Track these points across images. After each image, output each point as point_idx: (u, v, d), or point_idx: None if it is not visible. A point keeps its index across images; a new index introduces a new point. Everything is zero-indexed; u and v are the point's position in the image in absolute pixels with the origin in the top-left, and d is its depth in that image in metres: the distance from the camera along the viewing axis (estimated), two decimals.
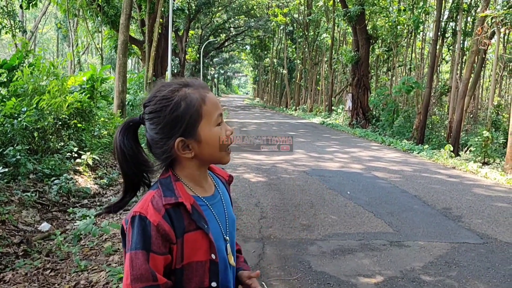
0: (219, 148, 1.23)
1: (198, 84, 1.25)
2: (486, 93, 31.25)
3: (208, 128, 1.21)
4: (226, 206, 1.34)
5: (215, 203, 1.30)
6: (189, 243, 1.19)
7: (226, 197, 1.38)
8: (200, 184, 1.29)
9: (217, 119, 1.23)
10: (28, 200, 5.47)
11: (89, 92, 9.06)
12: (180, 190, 1.22)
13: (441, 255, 4.37)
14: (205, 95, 1.22)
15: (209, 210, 1.27)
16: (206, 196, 1.29)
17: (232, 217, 1.37)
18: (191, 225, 1.19)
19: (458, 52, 19.50)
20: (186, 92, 1.20)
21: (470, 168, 10.00)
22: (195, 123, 1.20)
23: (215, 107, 1.23)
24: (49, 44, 53.34)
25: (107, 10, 20.19)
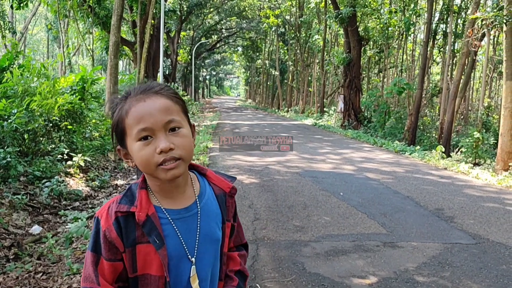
0: (145, 164, 1.12)
1: (137, 91, 1.17)
2: (476, 94, 31.55)
3: (130, 142, 1.14)
4: (201, 222, 1.22)
5: (184, 218, 1.20)
6: (141, 255, 1.16)
7: (210, 211, 1.25)
8: (168, 195, 1.20)
9: (138, 134, 1.11)
10: (19, 202, 5.40)
11: (80, 94, 8.99)
12: (142, 198, 1.17)
13: (434, 255, 4.39)
14: (132, 107, 1.13)
15: (170, 224, 1.18)
16: (174, 208, 1.20)
17: (210, 235, 1.23)
18: (143, 236, 1.15)
19: (448, 54, 19.66)
20: (122, 103, 1.16)
21: (462, 169, 10.07)
22: (123, 135, 1.16)
23: (136, 121, 1.11)
24: (39, 45, 52.97)
25: (98, 11, 20.08)
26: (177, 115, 1.15)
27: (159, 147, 1.09)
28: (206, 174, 1.31)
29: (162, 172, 1.11)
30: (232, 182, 1.34)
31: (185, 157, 1.14)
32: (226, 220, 1.29)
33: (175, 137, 1.12)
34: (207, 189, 1.28)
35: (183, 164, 1.14)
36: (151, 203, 1.18)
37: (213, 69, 75.28)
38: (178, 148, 1.11)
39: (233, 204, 1.34)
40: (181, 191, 1.21)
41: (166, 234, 1.16)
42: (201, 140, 13.81)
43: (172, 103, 1.15)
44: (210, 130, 18.04)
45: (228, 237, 1.31)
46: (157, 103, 1.13)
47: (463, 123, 23.82)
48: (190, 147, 1.16)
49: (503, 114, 10.47)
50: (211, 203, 1.26)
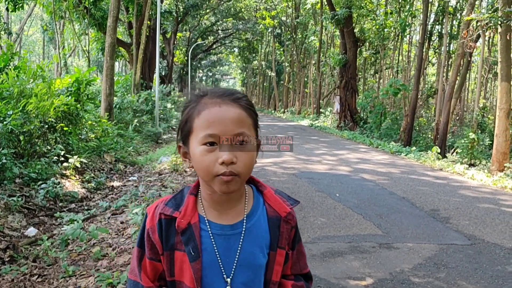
0: (203, 171, 1.08)
1: (215, 94, 1.12)
2: (471, 95, 31.67)
3: (194, 143, 1.09)
4: (244, 244, 1.14)
5: (227, 235, 1.14)
6: (178, 261, 1.14)
7: (256, 234, 1.16)
8: (217, 207, 1.15)
9: (204, 138, 1.06)
10: (14, 204, 5.39)
11: (75, 95, 8.97)
12: (189, 205, 1.15)
13: (429, 256, 4.40)
14: (205, 109, 1.08)
15: (209, 238, 1.13)
16: (219, 223, 1.14)
17: (250, 260, 1.15)
18: (181, 244, 1.13)
19: (444, 55, 19.73)
20: (197, 102, 1.12)
21: (457, 170, 10.11)
22: (188, 133, 1.11)
23: (206, 125, 1.07)
24: (35, 46, 52.80)
25: (94, 12, 20.04)
26: (248, 129, 1.09)
27: (222, 158, 1.04)
28: (264, 192, 1.21)
29: (218, 183, 1.06)
30: (292, 205, 1.21)
31: (244, 174, 1.08)
32: (278, 247, 1.17)
33: (240, 151, 1.06)
34: (260, 209, 1.19)
35: (240, 181, 1.08)
36: (197, 212, 1.15)
37: (210, 70, 75.31)
38: (239, 163, 1.06)
39: (289, 230, 1.20)
40: (231, 206, 1.15)
41: (204, 248, 1.12)
42: None
43: (246, 115, 1.10)
44: None
45: (279, 265, 1.19)
46: (231, 112, 1.08)
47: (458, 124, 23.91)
48: (251, 164, 1.10)
49: (498, 115, 10.52)
50: (259, 225, 1.17)
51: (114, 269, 3.71)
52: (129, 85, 19.05)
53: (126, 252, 4.14)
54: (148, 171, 9.13)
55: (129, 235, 4.60)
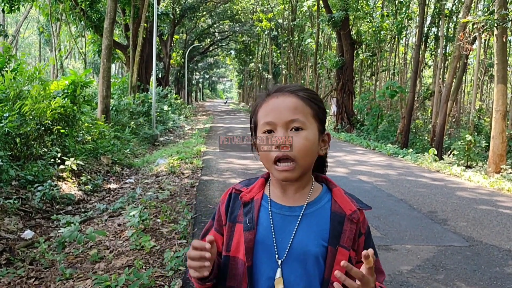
0: (264, 157, 1.15)
1: (276, 88, 1.19)
2: (468, 97, 31.79)
3: (258, 133, 1.18)
4: (299, 228, 1.14)
5: (284, 215, 1.16)
6: (237, 234, 1.18)
7: (314, 223, 1.15)
8: (281, 189, 1.20)
9: (263, 126, 1.15)
10: (11, 207, 5.35)
11: (71, 97, 8.94)
12: (257, 184, 1.23)
13: (428, 258, 4.40)
14: (265, 101, 1.17)
15: (268, 215, 1.17)
16: (280, 203, 1.18)
17: (303, 246, 1.13)
18: (242, 216, 1.19)
19: (440, 57, 19.81)
20: (262, 97, 1.21)
21: (454, 172, 10.12)
22: (255, 127, 1.20)
23: (264, 114, 1.15)
24: (31, 48, 52.65)
25: (90, 15, 20.00)
26: (304, 117, 1.13)
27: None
28: (332, 190, 1.23)
29: (276, 171, 1.13)
30: (362, 208, 1.19)
31: (300, 160, 1.11)
32: (340, 246, 1.13)
33: (295, 136, 1.11)
34: (324, 202, 1.20)
35: (298, 168, 1.12)
36: (262, 190, 1.22)
37: (206, 72, 75.25)
38: (295, 148, 1.10)
39: (354, 231, 1.15)
40: (295, 191, 1.19)
41: (261, 222, 1.16)
42: (194, 144, 13.78)
43: (303, 104, 1.15)
44: (203, 134, 18.01)
45: (339, 265, 1.06)
46: (287, 101, 1.14)
47: (455, 126, 23.99)
48: (308, 151, 1.13)
49: (495, 117, 10.56)
50: (319, 215, 1.17)
51: (111, 272, 3.69)
52: (126, 87, 19.02)
53: (123, 254, 4.12)
54: (145, 173, 9.10)
55: (126, 237, 4.58)
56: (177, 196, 6.69)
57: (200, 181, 7.81)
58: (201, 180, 7.92)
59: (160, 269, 3.76)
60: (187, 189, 7.21)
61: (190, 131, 20.57)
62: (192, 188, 7.33)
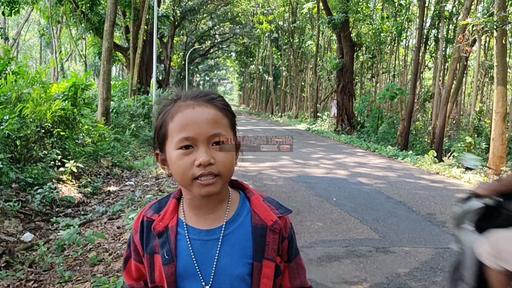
0: (181, 175, 1.04)
1: (188, 96, 1.10)
2: (468, 99, 31.78)
3: (170, 148, 1.06)
4: (221, 252, 1.09)
5: (203, 240, 1.10)
6: (157, 266, 1.11)
7: (236, 242, 1.10)
8: (196, 211, 1.12)
9: (179, 142, 1.03)
10: (11, 209, 5.37)
11: (72, 100, 8.97)
12: (169, 209, 1.13)
13: (426, 260, 4.41)
14: (178, 112, 1.06)
15: (186, 243, 1.09)
16: (196, 227, 1.11)
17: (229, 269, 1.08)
18: (158, 247, 1.11)
19: (440, 59, 19.83)
20: (170, 106, 1.10)
21: (454, 174, 10.13)
22: (164, 139, 1.08)
23: (180, 128, 1.04)
24: (32, 51, 52.78)
25: (91, 17, 20.06)
26: (224, 129, 1.06)
27: (199, 159, 1.01)
28: (251, 199, 1.15)
29: (197, 187, 1.03)
30: (282, 214, 1.15)
31: (224, 174, 1.05)
32: (264, 258, 1.09)
33: (217, 152, 1.04)
34: (243, 216, 1.12)
35: (221, 182, 1.05)
36: (176, 215, 1.13)
37: (207, 74, 75.30)
38: (218, 163, 1.03)
39: (277, 240, 1.12)
40: (211, 210, 1.11)
41: (180, 252, 1.09)
42: None
43: (221, 115, 1.07)
44: None
45: (266, 278, 1.10)
46: (206, 113, 1.05)
47: (455, 127, 23.97)
48: (231, 164, 1.07)
49: (495, 119, 10.56)
50: (241, 232, 1.11)
51: (110, 274, 3.71)
52: (126, 89, 19.06)
53: (122, 257, 4.13)
54: (145, 176, 9.12)
55: (125, 240, 4.59)
56: None
57: None
58: None
59: None
60: None
61: None
62: None
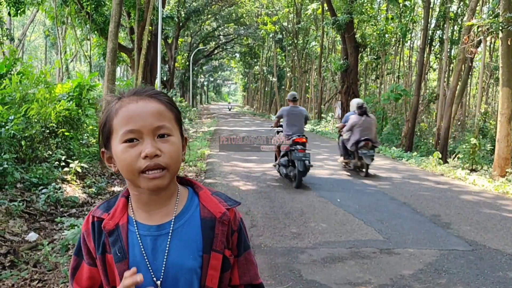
0: (127, 168, 1.04)
1: (131, 92, 1.10)
2: (473, 100, 31.67)
3: (115, 143, 1.06)
4: (171, 246, 1.08)
5: (153, 236, 1.09)
6: (110, 266, 1.11)
7: (185, 236, 1.10)
8: (145, 207, 1.11)
9: (124, 135, 1.03)
10: (15, 209, 5.39)
11: (76, 100, 9.00)
12: (118, 207, 1.12)
13: (430, 262, 4.39)
14: (122, 107, 1.06)
15: (137, 239, 1.09)
16: (146, 223, 1.10)
17: (180, 263, 1.08)
18: (109, 246, 1.10)
19: (445, 60, 19.77)
20: (114, 102, 1.10)
21: (458, 175, 10.09)
22: (109, 135, 1.09)
23: (124, 122, 1.04)
24: (37, 51, 53.01)
25: (95, 18, 20.12)
26: (169, 122, 1.07)
27: (145, 151, 1.01)
28: (199, 193, 1.16)
29: (144, 180, 1.03)
30: (231, 206, 1.16)
31: (171, 167, 1.05)
32: (212, 250, 1.10)
33: (163, 143, 1.04)
34: (192, 210, 1.13)
35: (168, 175, 1.05)
36: (126, 213, 1.12)
37: (211, 75, 75.50)
38: (164, 156, 1.03)
39: (226, 232, 1.13)
40: (160, 206, 1.11)
41: (131, 249, 1.08)
42: (198, 146, 13.82)
43: (165, 109, 1.08)
44: (207, 137, 18.05)
45: (214, 269, 1.11)
46: (149, 106, 1.05)
47: (460, 129, 23.90)
48: (178, 157, 1.07)
49: (500, 120, 10.51)
50: (190, 226, 1.11)
51: None
52: None
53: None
54: None
55: None
56: None
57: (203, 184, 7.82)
58: (204, 183, 7.94)
59: None
60: None
61: (194, 134, 20.60)
62: None
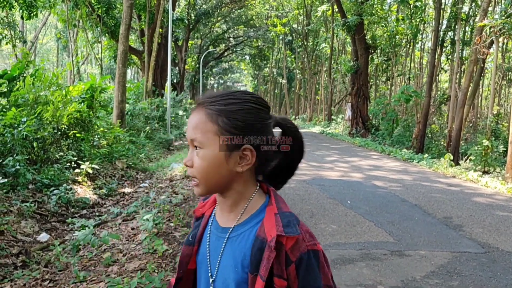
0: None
1: (198, 100, 1.13)
2: (485, 102, 31.35)
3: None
4: (224, 252, 1.10)
5: (218, 236, 1.14)
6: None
7: (237, 247, 1.08)
8: (220, 207, 1.17)
9: (190, 143, 1.10)
10: (27, 210, 5.44)
11: (88, 102, 9.08)
12: (211, 199, 1.23)
13: (442, 264, 4.34)
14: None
15: (208, 233, 1.17)
16: (218, 223, 1.16)
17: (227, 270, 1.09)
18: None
19: (457, 62, 19.58)
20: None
21: (470, 177, 9.98)
22: None
23: (188, 130, 1.10)
24: (49, 54, 53.56)
25: (106, 21, 20.30)
26: (202, 135, 1.05)
27: (186, 159, 1.11)
28: (266, 209, 1.10)
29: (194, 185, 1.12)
30: (287, 234, 1.03)
31: (201, 179, 1.07)
32: (258, 274, 1.03)
33: (196, 155, 1.07)
34: (253, 223, 1.09)
35: (202, 187, 1.09)
36: (213, 207, 1.21)
37: (221, 77, 75.52)
38: (194, 168, 1.08)
39: (272, 259, 1.01)
40: (227, 209, 1.13)
41: (204, 240, 1.17)
42: None
43: (206, 120, 1.05)
44: None
45: None
46: (193, 118, 1.09)
47: (472, 131, 23.66)
48: (207, 171, 1.06)
49: None
50: (243, 240, 1.08)
51: (124, 275, 3.72)
52: (141, 92, 19.22)
53: (136, 258, 4.15)
54: (160, 178, 9.17)
55: (139, 241, 4.61)
56: (190, 200, 6.72)
57: None
58: None
59: (172, 273, 3.78)
60: None
61: None
62: None
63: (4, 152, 6.62)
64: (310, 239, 1.07)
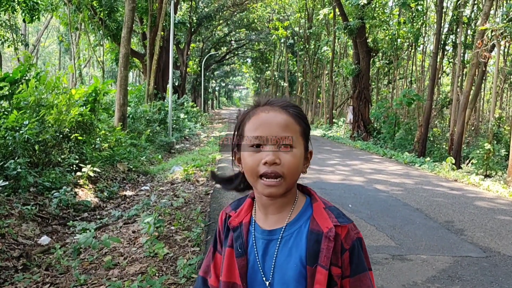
0: (248, 171, 1.13)
1: (265, 101, 1.18)
2: (487, 105, 31.32)
3: (244, 146, 1.15)
4: (279, 252, 1.14)
5: (265, 240, 1.17)
6: (227, 259, 1.20)
7: (292, 244, 1.14)
8: (263, 210, 1.19)
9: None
10: (28, 213, 5.44)
11: (91, 105, 9.09)
12: (245, 206, 1.23)
13: (444, 269, 4.33)
14: (255, 114, 1.15)
15: (253, 240, 1.18)
16: (261, 226, 1.19)
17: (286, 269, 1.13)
18: (231, 241, 1.21)
19: (458, 65, 19.59)
20: (251, 110, 1.18)
21: (472, 181, 9.96)
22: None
23: (254, 128, 1.13)
24: (51, 57, 53.70)
25: (108, 24, 20.34)
26: (294, 135, 1.12)
27: (265, 158, 1.09)
28: (313, 205, 1.19)
29: (261, 185, 1.11)
30: (342, 223, 1.13)
31: (288, 177, 1.11)
32: (318, 265, 1.10)
33: (284, 154, 1.10)
34: (303, 220, 1.16)
35: (284, 185, 1.11)
36: (250, 213, 1.22)
37: (223, 80, 75.64)
38: (283, 165, 1.09)
39: (332, 249, 1.11)
40: (276, 211, 1.18)
41: (250, 247, 1.18)
42: (209, 151, 13.85)
43: (293, 122, 1.14)
44: (218, 142, 18.08)
45: (319, 284, 1.10)
46: (278, 117, 1.13)
47: (473, 134, 23.64)
48: (296, 169, 1.12)
49: None
50: (298, 236, 1.15)
51: (125, 278, 3.72)
52: (143, 95, 19.25)
53: (137, 261, 4.14)
54: (161, 181, 9.17)
55: (140, 244, 4.61)
56: (191, 203, 6.71)
57: (214, 189, 7.83)
58: (215, 188, 7.94)
59: (173, 277, 3.77)
60: (202, 197, 7.24)
61: (205, 139, 20.68)
62: (206, 195, 7.35)
63: (6, 155, 6.63)
64: (354, 228, 1.16)
